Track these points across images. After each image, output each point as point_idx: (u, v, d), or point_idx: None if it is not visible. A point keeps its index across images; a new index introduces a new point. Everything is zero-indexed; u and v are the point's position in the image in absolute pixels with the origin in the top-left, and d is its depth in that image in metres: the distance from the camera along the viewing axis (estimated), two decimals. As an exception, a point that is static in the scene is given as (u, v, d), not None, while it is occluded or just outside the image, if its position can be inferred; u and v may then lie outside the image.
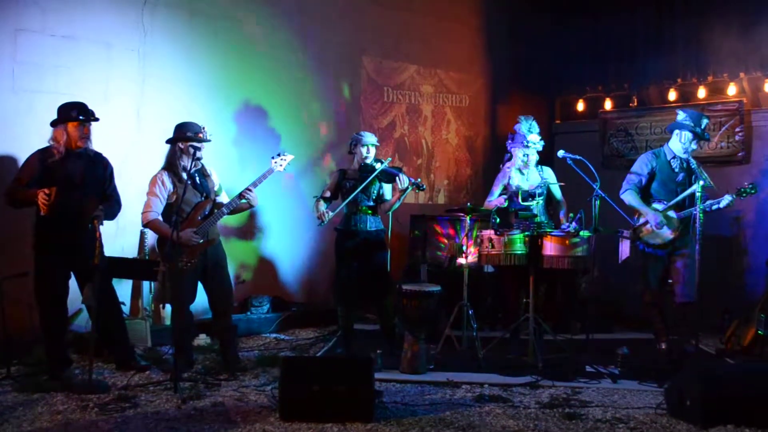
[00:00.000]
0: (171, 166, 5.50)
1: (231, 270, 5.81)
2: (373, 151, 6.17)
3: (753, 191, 5.70)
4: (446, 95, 9.20)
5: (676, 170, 5.94)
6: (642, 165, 6.06)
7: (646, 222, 5.93)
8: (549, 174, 6.40)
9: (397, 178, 5.93)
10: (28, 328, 5.61)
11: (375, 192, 6.17)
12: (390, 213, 6.35)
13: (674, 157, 5.97)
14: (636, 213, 6.06)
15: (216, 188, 5.69)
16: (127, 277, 5.94)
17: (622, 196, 6.06)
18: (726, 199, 5.74)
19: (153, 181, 5.47)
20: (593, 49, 8.92)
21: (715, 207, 5.78)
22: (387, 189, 6.20)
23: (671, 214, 5.85)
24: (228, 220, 6.79)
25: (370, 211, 6.13)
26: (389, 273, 6.36)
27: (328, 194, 6.18)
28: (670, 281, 6.09)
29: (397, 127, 8.77)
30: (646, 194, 6.04)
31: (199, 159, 5.50)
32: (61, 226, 5.14)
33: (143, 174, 6.50)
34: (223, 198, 5.70)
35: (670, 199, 5.89)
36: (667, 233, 5.86)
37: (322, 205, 6.02)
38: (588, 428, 4.30)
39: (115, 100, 6.46)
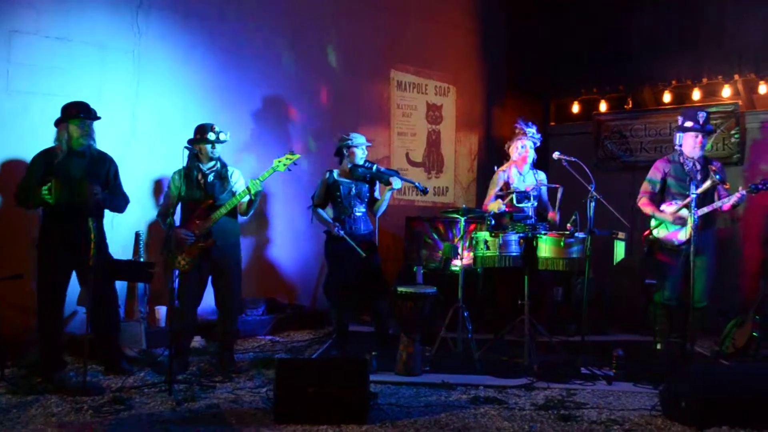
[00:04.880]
0: (186, 165, 5.57)
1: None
2: (366, 152, 6.18)
3: (765, 187, 5.70)
4: (441, 97, 9.20)
5: (689, 171, 5.95)
6: (655, 172, 6.15)
7: (658, 225, 5.98)
8: (543, 178, 6.45)
9: (392, 179, 5.96)
10: (22, 330, 5.60)
11: (368, 194, 6.19)
12: (378, 214, 6.37)
13: (686, 159, 5.99)
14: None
15: (236, 191, 5.66)
16: (121, 278, 5.92)
17: (638, 205, 6.16)
18: (737, 196, 5.72)
19: (170, 178, 5.69)
20: (588, 51, 8.91)
21: (726, 204, 5.78)
22: (376, 191, 6.22)
23: (685, 212, 5.87)
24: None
25: (362, 214, 6.15)
26: (383, 274, 6.36)
27: (319, 201, 6.19)
28: (649, 280, 6.15)
29: (392, 129, 8.76)
30: (664, 197, 6.09)
31: (214, 158, 5.64)
32: (64, 225, 5.18)
33: (138, 175, 6.52)
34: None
35: (683, 199, 5.92)
36: (680, 234, 5.87)
37: (335, 224, 6.07)
38: (583, 430, 4.30)
39: (109, 102, 6.44)
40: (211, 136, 5.56)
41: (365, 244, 6.14)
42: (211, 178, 5.62)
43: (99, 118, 5.39)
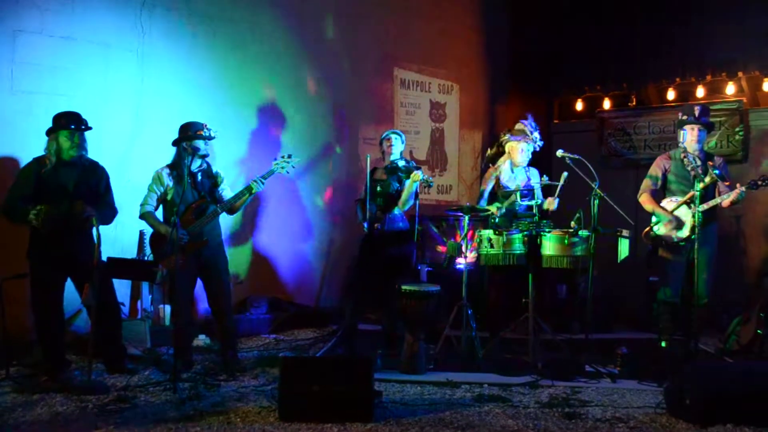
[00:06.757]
0: (174, 164, 5.57)
1: (231, 270, 5.81)
2: (395, 147, 6.20)
3: (764, 183, 5.69)
4: (444, 95, 9.19)
5: (689, 167, 5.94)
6: (656, 167, 6.16)
7: (658, 221, 5.97)
8: (534, 175, 6.39)
9: (412, 173, 5.98)
10: (28, 328, 5.62)
11: (395, 191, 6.17)
12: (404, 207, 6.27)
13: (686, 155, 5.98)
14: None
15: (222, 190, 5.68)
16: (125, 277, 5.93)
17: (639, 200, 6.17)
18: (736, 192, 5.72)
19: (154, 176, 5.60)
20: (592, 48, 8.90)
21: (725, 200, 5.77)
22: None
23: (685, 209, 5.86)
24: (226, 220, 6.78)
25: (391, 210, 6.14)
26: (412, 271, 6.36)
27: (363, 195, 6.23)
28: (652, 277, 6.14)
29: (396, 127, 8.74)
30: (665, 194, 6.11)
31: (204, 156, 5.60)
32: (53, 235, 5.13)
33: (142, 174, 6.50)
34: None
35: (683, 196, 5.91)
36: (680, 232, 5.87)
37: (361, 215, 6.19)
38: (587, 428, 4.30)
39: (113, 101, 6.46)
40: (206, 132, 5.54)
41: (395, 241, 6.15)
42: (200, 177, 5.61)
43: (90, 128, 5.32)
